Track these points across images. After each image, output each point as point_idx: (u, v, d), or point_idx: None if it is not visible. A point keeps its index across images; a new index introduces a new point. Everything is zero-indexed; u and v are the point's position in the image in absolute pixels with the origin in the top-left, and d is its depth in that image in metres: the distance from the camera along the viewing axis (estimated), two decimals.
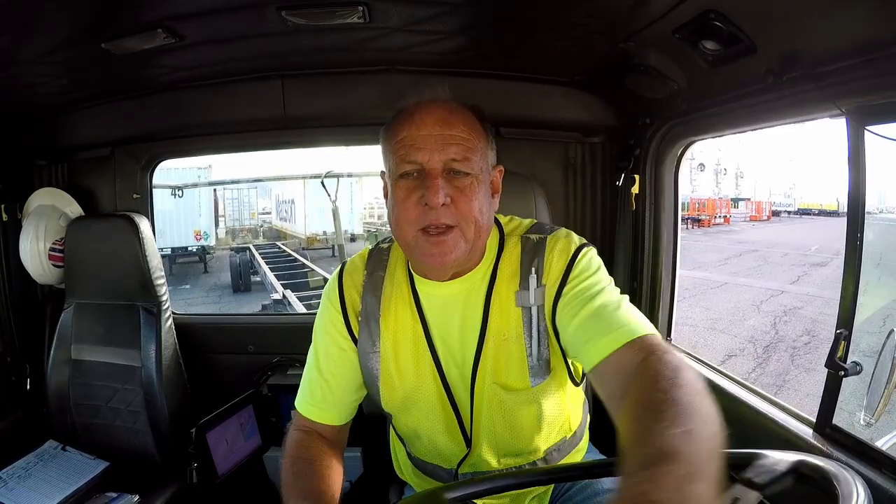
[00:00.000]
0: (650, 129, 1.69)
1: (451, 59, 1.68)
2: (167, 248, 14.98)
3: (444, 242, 0.94)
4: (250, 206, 23.58)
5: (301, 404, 1.11)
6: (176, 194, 14.16)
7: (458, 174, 0.94)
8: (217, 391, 2.00)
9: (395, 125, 0.97)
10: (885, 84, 0.95)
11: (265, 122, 1.94)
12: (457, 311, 1.03)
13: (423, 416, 1.08)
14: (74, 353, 1.88)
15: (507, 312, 1.01)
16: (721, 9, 1.06)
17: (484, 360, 1.02)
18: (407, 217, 0.95)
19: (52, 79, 1.59)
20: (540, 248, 1.01)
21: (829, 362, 1.11)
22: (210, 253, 16.07)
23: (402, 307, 1.05)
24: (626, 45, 1.37)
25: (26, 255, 1.90)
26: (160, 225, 10.48)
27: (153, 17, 1.26)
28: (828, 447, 1.10)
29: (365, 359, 1.07)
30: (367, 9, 1.26)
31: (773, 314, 9.11)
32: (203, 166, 15.30)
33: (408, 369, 1.06)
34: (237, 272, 13.40)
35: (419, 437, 1.12)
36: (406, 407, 1.08)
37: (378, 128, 1.04)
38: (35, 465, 1.71)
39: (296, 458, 1.01)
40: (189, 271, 15.75)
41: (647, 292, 1.77)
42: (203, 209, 15.89)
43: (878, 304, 5.08)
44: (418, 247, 0.95)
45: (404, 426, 1.13)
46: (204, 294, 12.67)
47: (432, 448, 1.12)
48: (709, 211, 27.66)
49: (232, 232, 21.69)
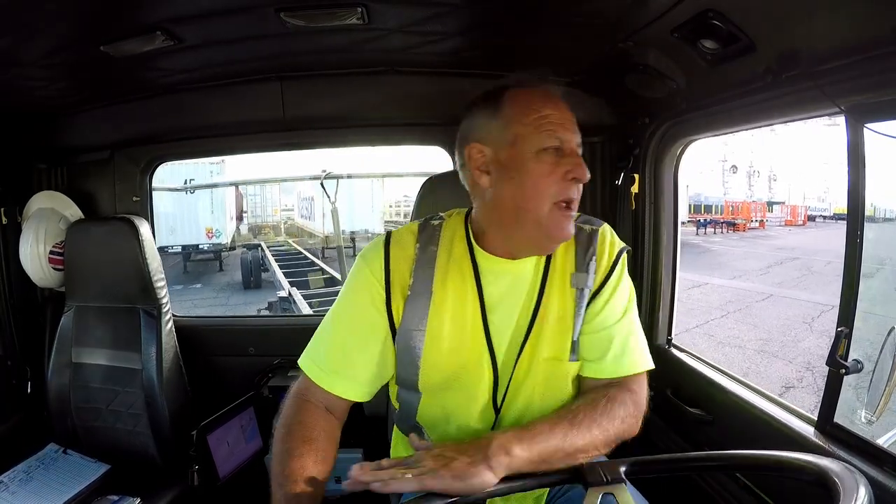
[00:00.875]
0: (649, 128, 1.69)
1: (450, 60, 1.68)
2: (178, 246, 14.77)
3: (571, 218, 1.01)
4: (273, 203, 23.36)
5: (311, 369, 1.05)
6: (187, 191, 13.95)
7: None
8: (218, 393, 2.00)
9: (524, 100, 1.01)
10: (883, 82, 0.95)
11: (264, 123, 1.94)
12: (516, 287, 1.05)
13: (465, 395, 1.06)
14: (75, 356, 1.88)
15: (563, 292, 1.05)
16: (720, 8, 1.06)
17: (535, 335, 1.04)
18: (547, 190, 0.97)
19: (51, 81, 1.59)
20: (594, 238, 1.08)
21: (829, 360, 1.11)
22: (224, 250, 15.70)
23: (459, 283, 1.05)
24: (625, 44, 1.37)
25: (26, 258, 1.90)
26: (171, 223, 10.42)
27: (152, 19, 1.26)
28: (829, 445, 1.10)
29: (406, 336, 1.04)
30: (366, 10, 1.26)
31: (827, 334, 8.05)
32: (216, 162, 14.60)
33: (457, 350, 1.04)
34: (248, 269, 13.48)
35: (448, 419, 1.09)
36: (447, 386, 1.06)
37: (378, 128, 1.05)
38: (36, 469, 1.71)
39: (292, 432, 0.99)
40: (204, 270, 15.57)
41: (647, 292, 1.77)
42: (215, 206, 15.35)
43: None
44: (552, 220, 0.98)
45: (437, 406, 1.09)
46: (214, 294, 12.51)
47: (461, 429, 1.09)
48: (744, 215, 26.32)
49: (254, 229, 21.50)
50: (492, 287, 1.05)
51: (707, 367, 1.59)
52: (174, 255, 15.17)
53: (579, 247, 1.07)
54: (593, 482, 0.86)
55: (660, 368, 1.30)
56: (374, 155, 22.68)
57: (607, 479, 0.86)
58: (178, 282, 13.70)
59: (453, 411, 1.08)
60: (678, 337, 1.80)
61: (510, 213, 1.01)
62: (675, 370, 1.64)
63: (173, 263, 15.37)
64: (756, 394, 1.38)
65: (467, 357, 1.04)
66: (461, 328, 1.04)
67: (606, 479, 0.86)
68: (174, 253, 15.02)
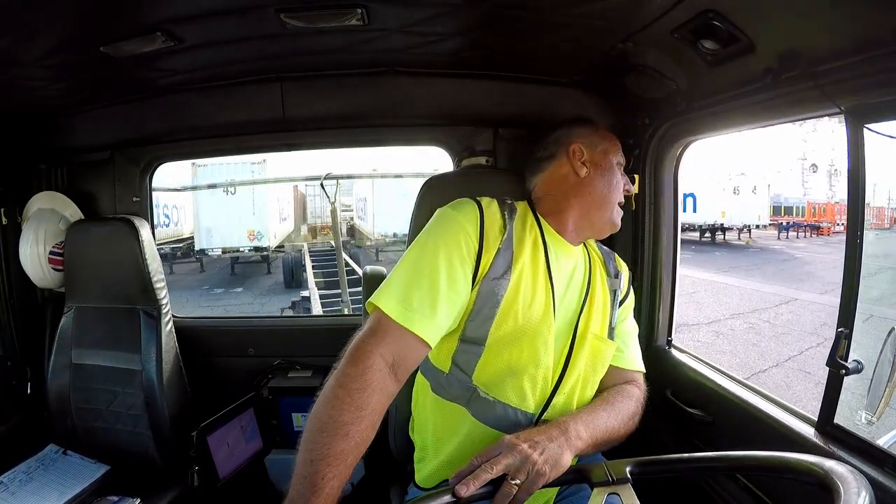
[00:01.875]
0: (649, 129, 1.69)
1: (451, 61, 1.68)
2: (217, 249, 14.51)
3: None
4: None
5: (399, 311, 1.03)
6: (228, 191, 13.57)
7: None
8: (218, 394, 2.00)
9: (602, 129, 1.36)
10: (884, 82, 0.95)
11: (264, 124, 1.94)
12: (573, 269, 1.27)
13: (531, 349, 1.15)
14: (75, 357, 1.88)
15: (603, 287, 1.30)
16: (720, 8, 1.06)
17: (586, 311, 1.24)
18: (619, 189, 1.30)
19: (51, 82, 1.59)
20: (611, 256, 1.38)
21: (829, 361, 1.11)
22: (268, 252, 15.23)
23: (533, 248, 1.21)
24: (625, 45, 1.37)
25: (26, 258, 1.90)
26: (210, 224, 10.80)
27: (152, 20, 1.26)
28: (829, 446, 1.10)
29: (490, 284, 1.13)
30: (366, 11, 1.26)
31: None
32: (257, 161, 14.10)
33: (531, 302, 1.16)
34: (289, 270, 13.79)
35: (514, 373, 1.15)
36: (516, 338, 1.14)
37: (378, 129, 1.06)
38: (36, 469, 1.71)
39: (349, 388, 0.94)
40: (252, 272, 15.37)
41: (647, 293, 1.77)
42: (257, 207, 14.66)
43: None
44: (617, 212, 1.31)
45: (502, 361, 1.15)
46: (250, 300, 12.13)
47: (526, 385, 1.16)
48: (828, 217, 24.78)
49: (313, 230, 21.26)
50: (555, 260, 1.22)
51: (707, 367, 1.59)
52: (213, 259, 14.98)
53: (605, 258, 1.36)
54: (599, 482, 0.86)
55: (660, 369, 1.31)
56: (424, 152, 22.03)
57: (613, 478, 0.86)
58: (221, 285, 13.63)
59: (518, 366, 1.14)
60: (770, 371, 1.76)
61: (599, 199, 1.28)
62: (675, 371, 1.64)
63: (222, 266, 15.31)
64: (756, 394, 1.38)
65: (537, 311, 1.16)
66: (534, 285, 1.17)
67: (612, 479, 0.86)
68: (215, 256, 14.84)
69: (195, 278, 14.83)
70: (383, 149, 3.81)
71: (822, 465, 0.73)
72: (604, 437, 1.11)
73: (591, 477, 0.87)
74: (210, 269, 15.68)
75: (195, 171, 13.65)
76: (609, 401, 1.19)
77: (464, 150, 1.94)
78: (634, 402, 1.24)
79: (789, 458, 0.80)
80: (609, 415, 1.15)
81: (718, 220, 20.53)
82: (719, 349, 7.39)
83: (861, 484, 0.68)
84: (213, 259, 15.39)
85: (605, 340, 1.25)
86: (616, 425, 1.15)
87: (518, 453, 0.91)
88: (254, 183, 13.87)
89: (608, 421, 1.13)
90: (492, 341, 1.13)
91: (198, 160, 12.05)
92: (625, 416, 1.18)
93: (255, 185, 14.06)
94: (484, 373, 1.15)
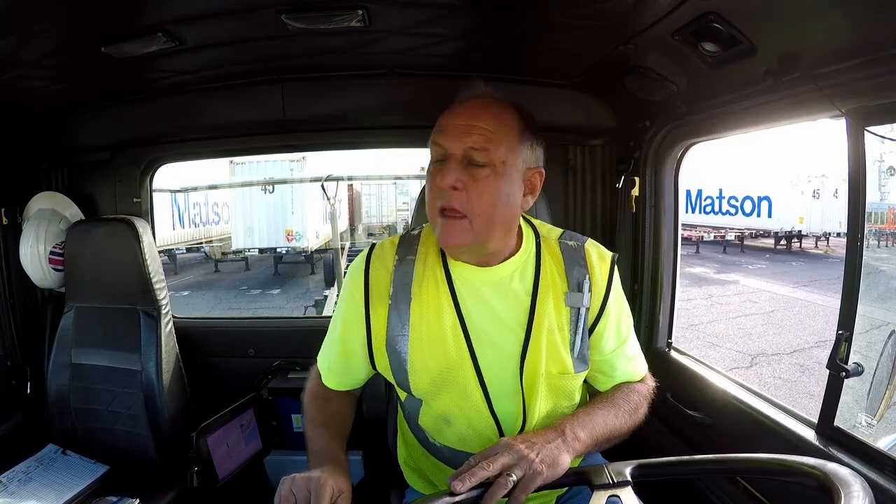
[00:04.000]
0: (650, 131, 1.69)
1: (451, 62, 1.68)
2: (255, 249, 14.22)
3: (451, 226, 1.01)
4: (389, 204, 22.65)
5: (323, 369, 1.21)
6: (266, 190, 13.40)
7: (476, 164, 1.00)
8: (217, 395, 2.00)
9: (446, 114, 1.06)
10: (884, 85, 0.95)
11: (265, 125, 1.94)
12: (494, 297, 1.08)
13: (457, 396, 1.08)
14: (75, 357, 1.88)
15: (558, 309, 1.08)
16: (720, 10, 1.06)
17: (533, 348, 1.07)
18: (430, 197, 1.03)
19: (52, 82, 1.59)
20: (579, 255, 1.12)
21: (830, 363, 1.11)
22: (307, 253, 14.82)
23: (434, 289, 1.08)
24: (626, 47, 1.37)
25: (26, 258, 1.90)
26: (248, 223, 10.69)
27: (153, 20, 1.26)
28: (829, 448, 1.10)
29: (393, 342, 1.09)
30: (367, 12, 1.26)
31: None
32: (296, 159, 13.57)
33: (440, 350, 1.07)
34: (329, 269, 13.35)
35: (450, 421, 1.11)
36: (437, 389, 1.08)
37: (378, 131, 1.06)
38: (35, 469, 1.71)
39: (315, 394, 1.20)
40: (295, 272, 14.99)
41: (647, 295, 1.77)
42: (296, 206, 14.13)
43: None
44: (436, 226, 1.03)
45: (435, 411, 1.11)
46: (283, 303, 11.83)
47: (466, 432, 1.11)
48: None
49: (368, 229, 21.15)
50: (462, 294, 1.08)
51: (707, 369, 1.59)
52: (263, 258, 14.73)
53: (567, 263, 1.11)
54: (599, 485, 0.86)
55: (660, 372, 1.31)
56: None
57: (613, 481, 0.86)
58: (259, 285, 13.25)
59: (451, 414, 1.10)
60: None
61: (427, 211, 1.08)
62: (675, 373, 1.64)
63: (268, 265, 14.94)
64: (756, 397, 1.38)
65: (454, 359, 1.07)
66: (441, 329, 1.07)
67: (612, 482, 0.86)
68: (253, 256, 14.63)
69: (238, 277, 14.53)
70: None
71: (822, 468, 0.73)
72: (605, 436, 1.05)
73: (591, 479, 0.87)
74: (255, 269, 15.39)
75: (232, 168, 13.49)
76: (608, 398, 1.12)
77: None
78: (637, 394, 1.15)
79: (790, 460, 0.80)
80: (608, 412, 1.07)
81: (796, 227, 18.36)
82: (805, 390, 5.92)
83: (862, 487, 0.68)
84: (259, 258, 15.13)
85: (567, 376, 1.09)
86: (618, 423, 1.08)
87: (515, 452, 0.90)
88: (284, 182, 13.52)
89: (608, 419, 1.06)
90: (418, 395, 1.10)
91: (235, 158, 11.84)
92: (627, 412, 1.10)
93: (294, 183, 13.70)
94: (426, 420, 1.15)
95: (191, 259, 15.96)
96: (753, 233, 19.78)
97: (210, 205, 15.31)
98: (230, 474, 1.89)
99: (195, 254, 15.98)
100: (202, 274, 14.80)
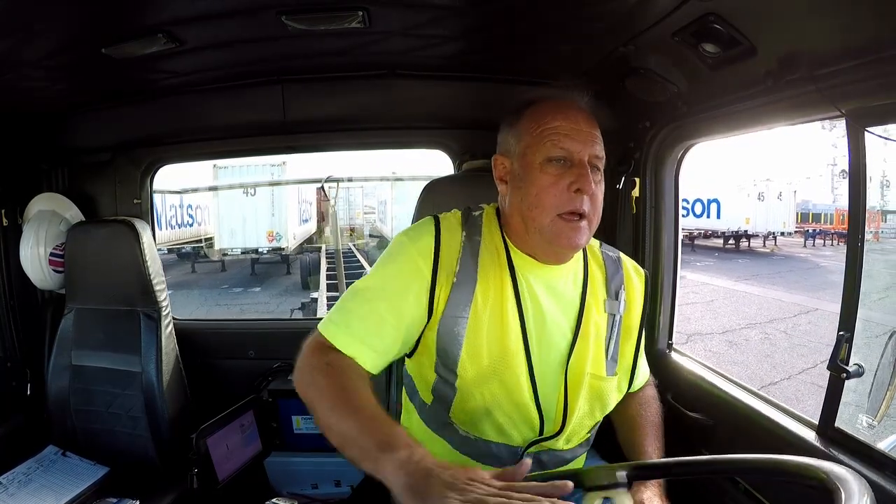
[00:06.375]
0: (650, 132, 1.69)
1: (451, 63, 1.68)
2: (237, 249, 14.88)
3: (580, 228, 1.04)
4: (357, 207, 22.86)
5: (339, 336, 1.01)
6: (248, 192, 13.85)
7: (596, 170, 1.05)
8: (217, 396, 2.00)
9: (537, 112, 1.06)
10: (884, 86, 0.95)
11: (265, 126, 1.94)
12: (546, 294, 1.10)
13: (505, 388, 1.06)
14: (75, 359, 1.88)
15: (600, 313, 1.14)
16: (721, 11, 1.06)
17: (579, 349, 1.10)
18: (550, 201, 1.03)
19: (52, 83, 1.59)
20: (619, 266, 1.20)
21: (831, 364, 1.11)
22: (287, 253, 15.50)
23: (499, 275, 1.08)
24: (626, 48, 1.37)
25: (26, 260, 1.90)
26: (232, 225, 10.86)
27: (153, 21, 1.26)
28: (830, 450, 1.10)
29: (450, 322, 1.04)
30: (367, 13, 1.26)
31: None
32: (276, 164, 14.16)
33: (498, 338, 1.06)
34: (306, 270, 13.89)
35: (491, 412, 1.08)
36: (486, 378, 1.06)
37: (379, 132, 1.06)
38: (36, 471, 1.71)
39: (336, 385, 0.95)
40: (272, 272, 15.47)
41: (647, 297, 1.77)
42: (276, 209, 14.83)
43: None
44: (554, 229, 1.03)
45: (476, 401, 1.07)
46: (266, 299, 12.20)
47: (505, 423, 1.08)
48: None
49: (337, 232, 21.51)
50: (527, 287, 1.09)
51: (708, 371, 1.58)
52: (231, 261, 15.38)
53: (609, 277, 1.17)
54: (592, 486, 0.86)
55: (660, 373, 1.30)
56: None
57: (607, 483, 0.86)
58: (240, 284, 13.82)
59: (493, 405, 1.08)
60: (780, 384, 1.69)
61: (518, 221, 1.07)
62: (676, 375, 1.64)
63: (243, 266, 15.64)
64: (757, 398, 1.37)
65: (506, 347, 1.06)
66: (503, 317, 1.06)
67: (606, 484, 0.86)
68: (234, 257, 15.23)
69: (216, 277, 15.11)
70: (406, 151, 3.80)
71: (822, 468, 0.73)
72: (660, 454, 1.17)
73: (584, 481, 0.87)
74: (231, 269, 16.01)
75: (216, 172, 13.94)
76: (649, 421, 1.23)
77: (464, 154, 1.94)
78: (657, 403, 1.28)
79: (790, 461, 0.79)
80: (654, 438, 1.20)
81: (742, 227, 20.09)
82: (730, 359, 7.27)
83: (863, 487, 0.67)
84: (235, 259, 15.81)
85: (603, 379, 1.12)
86: (659, 434, 1.21)
87: None
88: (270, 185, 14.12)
89: (656, 443, 1.18)
90: (461, 383, 1.06)
91: (218, 161, 12.29)
92: (658, 420, 1.24)
93: (275, 186, 14.31)
94: (460, 410, 1.09)
95: (166, 260, 16.50)
96: (704, 233, 21.36)
97: (185, 207, 15.70)
98: (230, 476, 1.88)
99: (170, 255, 16.67)
100: (181, 274, 15.26)
